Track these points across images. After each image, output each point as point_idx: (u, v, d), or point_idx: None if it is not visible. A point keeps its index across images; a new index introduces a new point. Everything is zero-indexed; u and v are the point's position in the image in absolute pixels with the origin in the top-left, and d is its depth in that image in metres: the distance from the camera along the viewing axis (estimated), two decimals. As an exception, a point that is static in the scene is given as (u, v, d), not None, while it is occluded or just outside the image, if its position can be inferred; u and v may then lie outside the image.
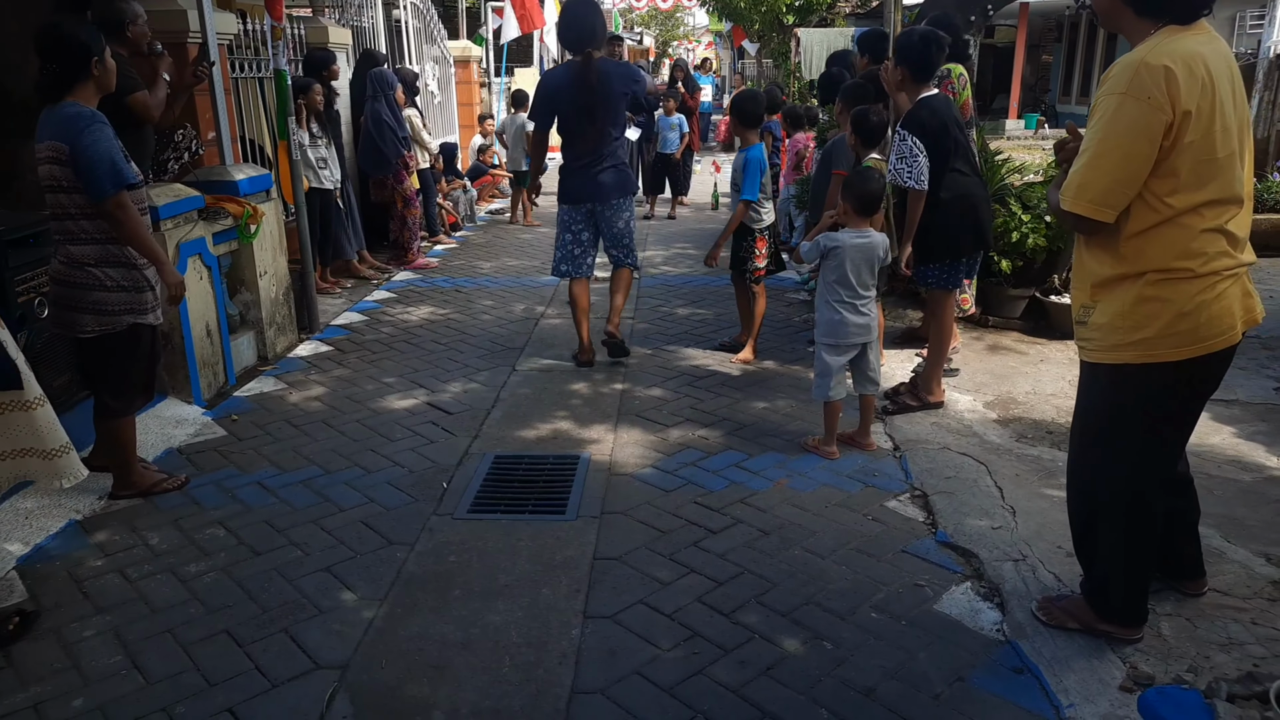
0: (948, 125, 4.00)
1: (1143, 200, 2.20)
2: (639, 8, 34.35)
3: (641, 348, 5.35)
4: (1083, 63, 18.49)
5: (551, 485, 3.58)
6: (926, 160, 3.95)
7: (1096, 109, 2.21)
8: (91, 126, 3.05)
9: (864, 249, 3.72)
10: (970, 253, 4.25)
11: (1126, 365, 2.29)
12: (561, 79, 4.71)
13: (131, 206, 3.15)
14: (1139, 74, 2.11)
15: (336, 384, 4.79)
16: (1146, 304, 2.22)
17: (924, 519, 3.29)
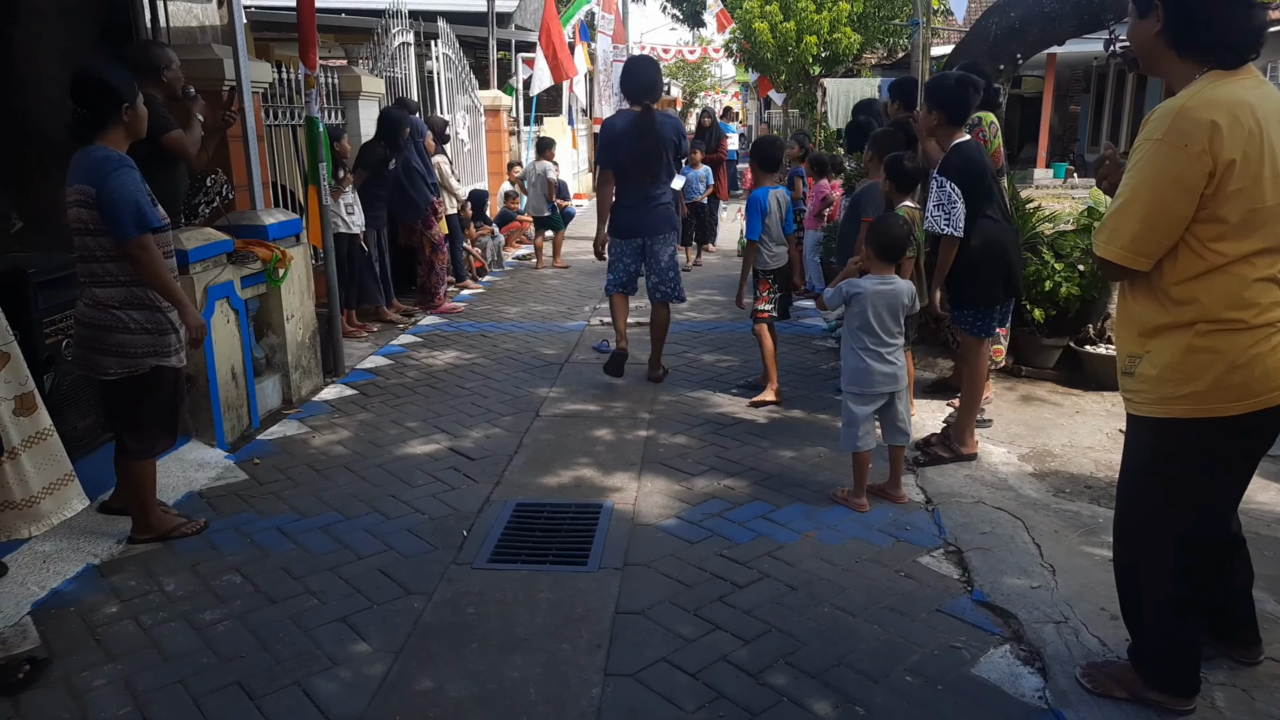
0: (984, 172, 3.96)
1: (1188, 247, 2.12)
2: (666, 59, 34.99)
3: (666, 394, 5.29)
4: (1111, 113, 18.46)
5: (573, 535, 3.50)
6: (964, 207, 3.90)
7: (1134, 153, 2.14)
8: (119, 170, 3.08)
9: (887, 295, 3.65)
10: (1003, 300, 4.16)
11: (1176, 419, 2.19)
12: (622, 127, 5.20)
13: (154, 249, 3.16)
14: (1178, 121, 2.05)
15: (359, 428, 4.76)
16: (1197, 355, 2.13)
17: (959, 576, 3.17)
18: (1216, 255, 2.09)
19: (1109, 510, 3.62)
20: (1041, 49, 5.40)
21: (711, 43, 32.29)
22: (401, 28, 9.23)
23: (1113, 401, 4.92)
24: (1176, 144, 2.04)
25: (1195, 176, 2.04)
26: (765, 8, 15.88)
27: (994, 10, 5.56)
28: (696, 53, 33.93)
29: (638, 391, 5.37)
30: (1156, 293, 2.19)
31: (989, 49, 5.33)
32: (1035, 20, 5.31)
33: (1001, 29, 5.37)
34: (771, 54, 16.20)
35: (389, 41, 8.96)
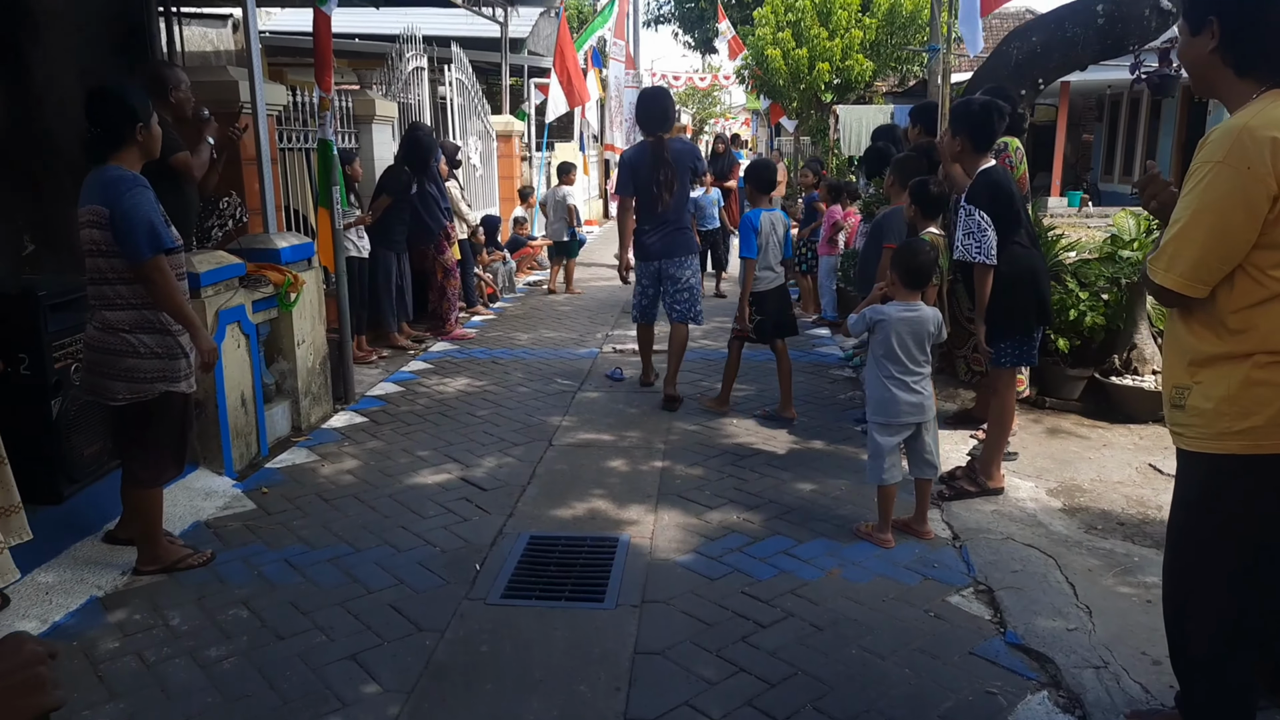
0: (1012, 198, 3.87)
1: (1247, 273, 2.02)
2: (677, 86, 35.20)
3: (681, 424, 5.19)
4: (1124, 142, 18.40)
5: (589, 569, 3.39)
6: (995, 234, 3.81)
7: (1191, 176, 2.05)
8: (133, 190, 3.03)
9: (912, 323, 3.55)
10: (1036, 328, 4.05)
11: (1231, 456, 2.08)
12: (640, 157, 5.50)
13: (168, 270, 3.10)
14: (1240, 141, 1.95)
15: (369, 457, 4.67)
16: (1255, 388, 2.02)
17: (991, 617, 3.05)
18: (1277, 283, 1.99)
19: (1144, 549, 3.51)
20: (1064, 74, 5.34)
21: (721, 69, 32.51)
22: (415, 53, 9.24)
23: (1140, 435, 4.81)
24: (1239, 166, 1.95)
25: (1259, 199, 1.95)
26: (778, 35, 15.92)
27: (1015, 35, 5.51)
28: (706, 79, 34.17)
29: (652, 421, 5.27)
30: (1211, 321, 2.09)
31: (1011, 74, 5.27)
32: (1058, 45, 5.25)
33: (1023, 54, 5.31)
34: (784, 81, 16.22)
35: (402, 66, 8.96)
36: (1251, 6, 2.02)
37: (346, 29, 13.24)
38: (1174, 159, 16.43)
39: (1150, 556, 3.42)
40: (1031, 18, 17.58)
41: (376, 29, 13.07)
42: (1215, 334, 2.08)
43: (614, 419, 5.31)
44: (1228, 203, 1.97)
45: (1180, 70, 8.91)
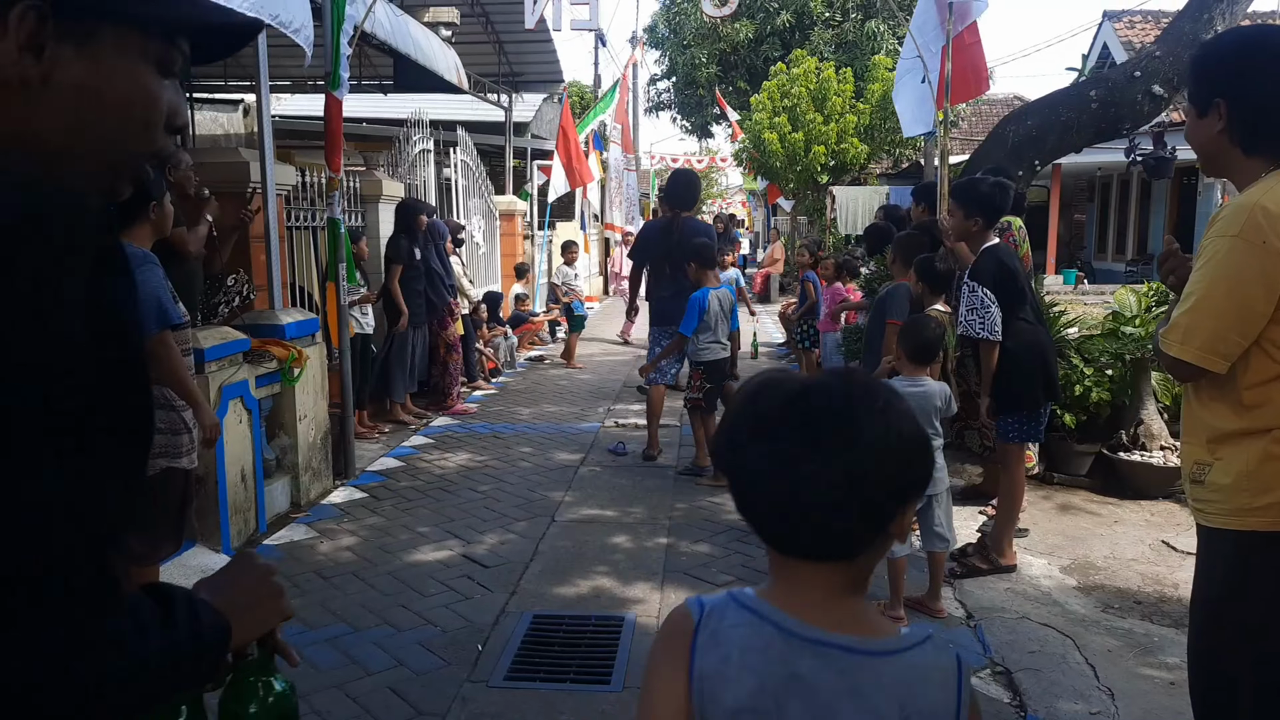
0: (1016, 274, 3.90)
1: (1261, 349, 2.01)
2: (675, 167, 36.05)
3: (684, 499, 5.12)
4: (1116, 221, 18.73)
5: (595, 650, 3.29)
6: (999, 311, 3.83)
7: (1204, 251, 2.06)
8: (143, 266, 3.04)
9: (918, 398, 3.51)
10: (1043, 403, 4.04)
11: (1254, 533, 2.04)
12: (655, 231, 6.07)
13: (174, 346, 3.10)
14: (1254, 216, 1.97)
15: (369, 533, 4.59)
16: (1274, 463, 2.00)
17: (1010, 699, 2.95)
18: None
19: (1163, 628, 3.42)
20: (1059, 156, 5.47)
21: (718, 153, 33.29)
22: (422, 135, 9.46)
23: (1151, 511, 4.74)
24: (1254, 239, 1.95)
25: (1275, 274, 1.95)
26: (774, 119, 16.33)
27: (1011, 119, 5.65)
28: (704, 161, 34.96)
29: (656, 496, 5.21)
30: (1226, 397, 2.07)
31: (1008, 155, 5.39)
32: (1053, 128, 5.38)
33: (1019, 136, 5.44)
34: (780, 163, 16.56)
35: (409, 148, 9.16)
36: (1256, 90, 2.05)
37: (354, 114, 13.61)
38: (1167, 237, 16.65)
39: (1170, 636, 3.33)
40: (1020, 104, 18.07)
41: (384, 113, 13.42)
42: (1232, 410, 2.06)
43: (617, 494, 5.25)
44: (1244, 275, 1.98)
45: (1174, 152, 9.16)
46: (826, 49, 19.24)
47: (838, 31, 19.82)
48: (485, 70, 12.13)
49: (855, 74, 16.60)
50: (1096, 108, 5.25)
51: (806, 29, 19.93)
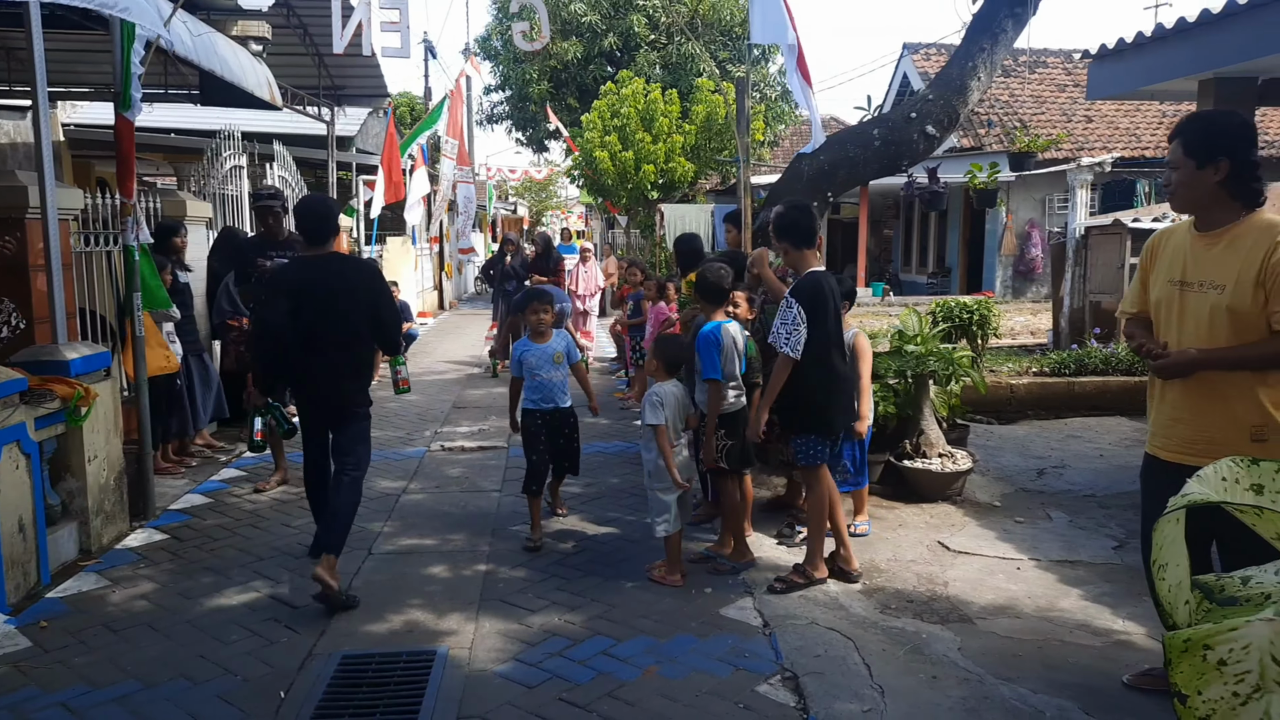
0: (828, 301, 4.11)
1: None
2: (514, 179, 35.81)
3: (510, 524, 5.18)
4: (919, 237, 20.29)
5: (403, 688, 3.30)
6: (806, 331, 4.02)
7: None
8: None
9: (676, 395, 4.32)
10: (839, 431, 4.29)
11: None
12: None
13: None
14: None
15: (169, 579, 4.38)
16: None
17: (795, 703, 3.20)
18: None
19: (930, 625, 3.80)
20: (849, 188, 5.93)
21: (556, 165, 33.41)
22: (234, 150, 9.05)
23: (931, 514, 5.22)
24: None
25: None
26: (605, 138, 16.65)
27: (806, 154, 6.06)
28: (544, 172, 34.95)
29: (479, 522, 5.24)
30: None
31: (804, 188, 5.79)
32: (843, 163, 5.83)
33: (813, 170, 5.85)
34: (612, 180, 16.90)
35: (220, 164, 8.75)
36: (1248, 156, 2.79)
37: (163, 124, 12.81)
38: (961, 252, 18.24)
39: (935, 632, 3.70)
40: (838, 126, 19.12)
41: (196, 123, 12.71)
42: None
43: (439, 522, 5.24)
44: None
45: (945, 186, 10.09)
46: (652, 70, 19.78)
47: (662, 54, 20.42)
48: (305, 83, 11.72)
49: (680, 95, 17.16)
50: (879, 145, 5.74)
51: (632, 50, 20.42)
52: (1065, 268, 9.98)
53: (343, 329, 4.14)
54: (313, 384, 4.21)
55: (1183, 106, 17.05)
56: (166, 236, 6.50)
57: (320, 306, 4.09)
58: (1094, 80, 6.82)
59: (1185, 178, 2.89)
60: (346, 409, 4.23)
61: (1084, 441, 6.86)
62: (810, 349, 4.04)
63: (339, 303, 4.12)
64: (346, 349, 4.18)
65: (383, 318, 4.26)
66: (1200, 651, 1.54)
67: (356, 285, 4.19)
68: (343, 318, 4.13)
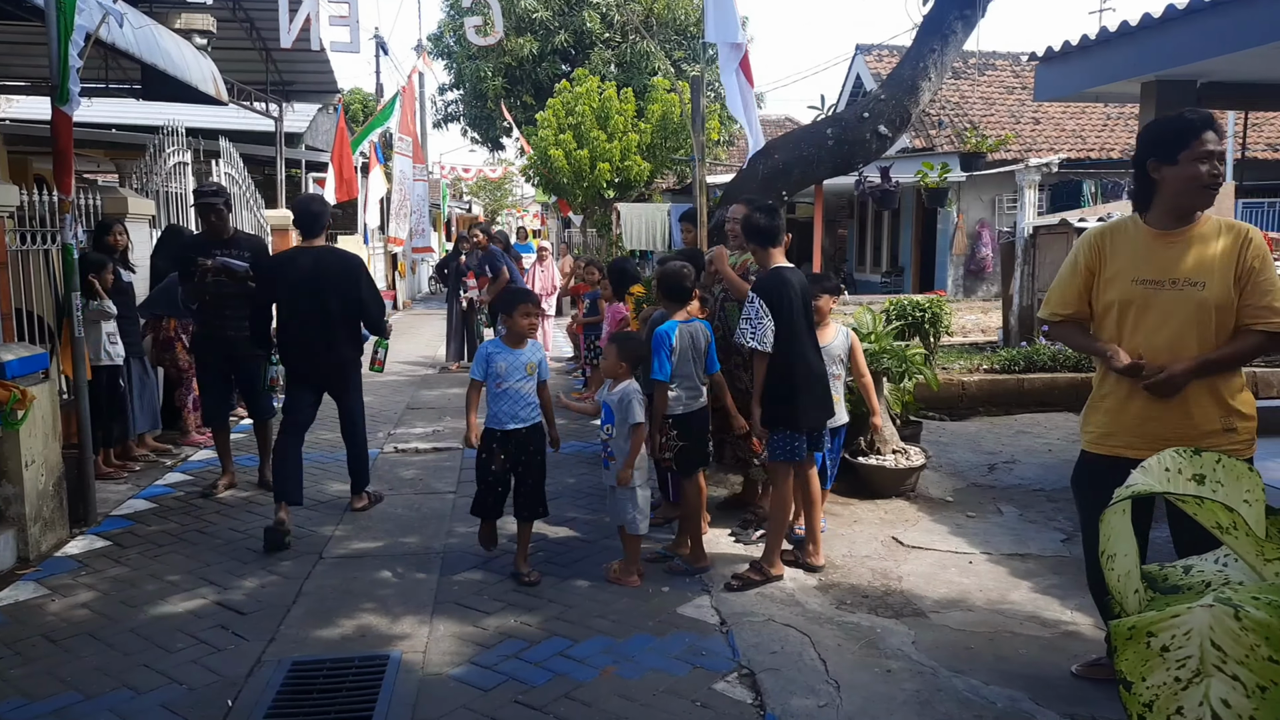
0: (791, 298, 4.14)
1: None
2: (468, 178, 35.50)
3: (462, 526, 5.12)
4: (873, 236, 20.54)
5: (355, 694, 3.24)
6: (772, 324, 4.06)
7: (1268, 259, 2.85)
8: None
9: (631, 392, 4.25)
10: (813, 425, 4.30)
11: None
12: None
13: None
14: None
15: (111, 586, 4.26)
16: None
17: (752, 700, 3.20)
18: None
19: (884, 619, 3.83)
20: (804, 187, 5.97)
21: (512, 164, 33.20)
22: (178, 147, 8.83)
23: (885, 510, 5.27)
24: None
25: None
26: (560, 136, 16.59)
27: (761, 153, 6.10)
28: (499, 170, 34.70)
29: (433, 524, 5.17)
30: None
31: (759, 186, 5.81)
32: (797, 163, 5.87)
33: (768, 169, 5.88)
34: (567, 179, 16.85)
35: (163, 160, 8.53)
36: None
37: (103, 119, 12.48)
38: (913, 252, 18.52)
39: (890, 626, 3.74)
40: (791, 124, 19.27)
41: (138, 119, 12.41)
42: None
43: (391, 525, 5.16)
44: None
45: (898, 185, 10.22)
46: (606, 69, 19.77)
47: (617, 52, 20.42)
48: (253, 79, 11.51)
49: (635, 93, 17.17)
50: (833, 145, 5.79)
51: (587, 48, 20.39)
52: (1014, 267, 10.17)
53: (335, 305, 4.95)
54: (312, 351, 5.00)
55: (1125, 109, 17.51)
56: (101, 234, 6.32)
57: (315, 287, 4.90)
58: (1041, 82, 6.96)
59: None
60: (344, 369, 5.16)
61: (1033, 437, 6.99)
62: (776, 343, 4.09)
63: (331, 284, 4.94)
64: (339, 321, 5.01)
65: (364, 297, 5.06)
66: (1144, 639, 1.57)
67: (343, 270, 5.02)
68: (334, 295, 4.94)
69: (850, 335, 4.92)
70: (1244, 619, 1.46)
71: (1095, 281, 3.09)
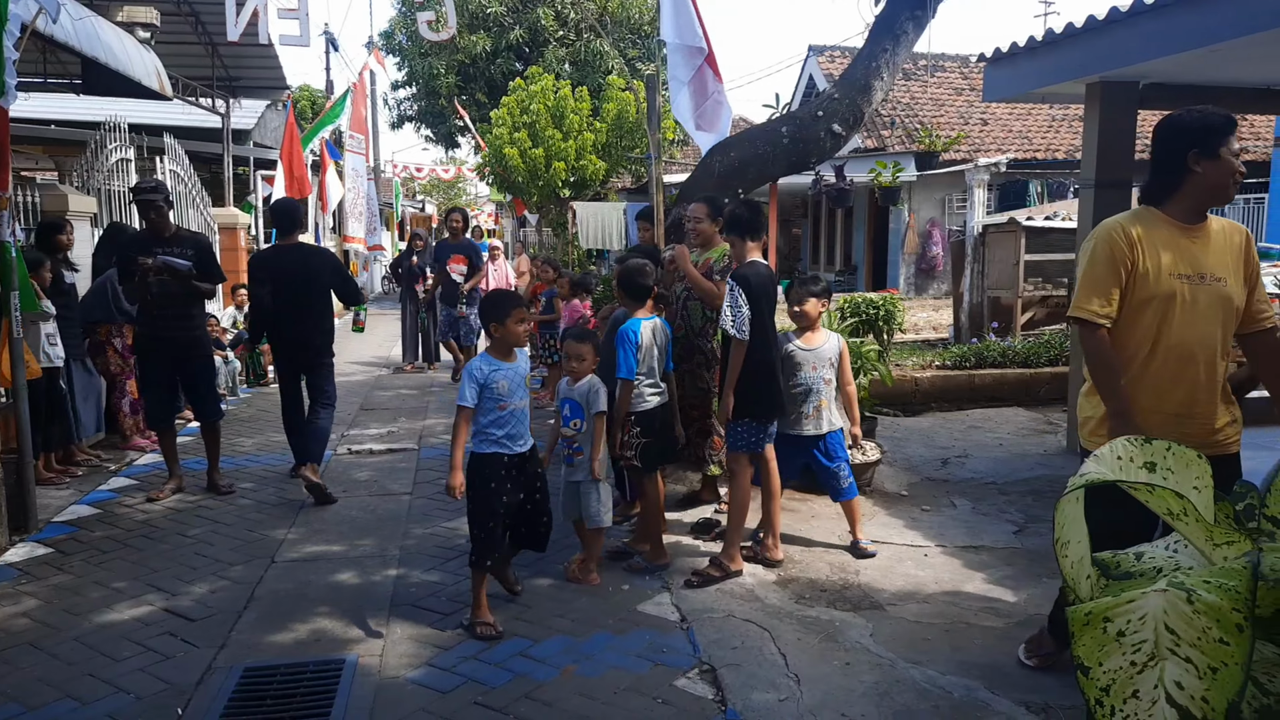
0: (767, 288, 4.25)
1: None
2: (421, 178, 35.11)
3: (419, 528, 5.06)
4: (826, 236, 20.76)
5: (311, 700, 3.18)
6: (749, 313, 4.12)
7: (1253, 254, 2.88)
8: None
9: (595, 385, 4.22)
10: (773, 415, 4.36)
11: None
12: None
13: None
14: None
15: (53, 595, 4.12)
16: None
17: (713, 696, 3.21)
18: None
19: (843, 613, 3.87)
20: (760, 185, 6.01)
21: (465, 163, 32.90)
22: (120, 143, 8.60)
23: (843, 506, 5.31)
24: None
25: None
26: (514, 135, 16.48)
27: (717, 149, 6.12)
28: (451, 171, 34.36)
29: (389, 526, 5.09)
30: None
31: (715, 184, 5.83)
32: (753, 160, 5.90)
33: (724, 166, 5.91)
34: (523, 177, 16.74)
35: (105, 157, 8.29)
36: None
37: (42, 114, 12.09)
38: (866, 250, 18.76)
39: (849, 619, 3.77)
40: (745, 125, 19.43)
41: (78, 115, 12.04)
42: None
43: (346, 527, 5.08)
44: None
45: (852, 183, 10.36)
46: (561, 67, 19.69)
47: (571, 50, 20.35)
48: (198, 74, 11.24)
49: (590, 92, 17.12)
50: (788, 143, 5.83)
51: (541, 46, 20.29)
52: (965, 265, 10.34)
53: (310, 297, 5.57)
54: (292, 339, 5.63)
55: (1069, 111, 17.93)
56: (50, 233, 6.12)
57: (292, 281, 5.49)
58: (990, 83, 7.07)
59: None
60: (319, 355, 5.71)
61: (984, 431, 7.11)
62: (759, 335, 4.17)
63: (306, 278, 5.54)
64: (314, 312, 5.63)
65: (341, 281, 5.81)
66: (1101, 624, 1.59)
67: (318, 265, 5.67)
68: (309, 289, 5.56)
69: (841, 342, 4.75)
70: (1196, 602, 1.50)
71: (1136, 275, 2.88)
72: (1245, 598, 1.45)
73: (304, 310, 5.55)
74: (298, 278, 5.49)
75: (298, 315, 5.53)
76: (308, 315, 5.58)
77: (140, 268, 5.36)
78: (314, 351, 5.66)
